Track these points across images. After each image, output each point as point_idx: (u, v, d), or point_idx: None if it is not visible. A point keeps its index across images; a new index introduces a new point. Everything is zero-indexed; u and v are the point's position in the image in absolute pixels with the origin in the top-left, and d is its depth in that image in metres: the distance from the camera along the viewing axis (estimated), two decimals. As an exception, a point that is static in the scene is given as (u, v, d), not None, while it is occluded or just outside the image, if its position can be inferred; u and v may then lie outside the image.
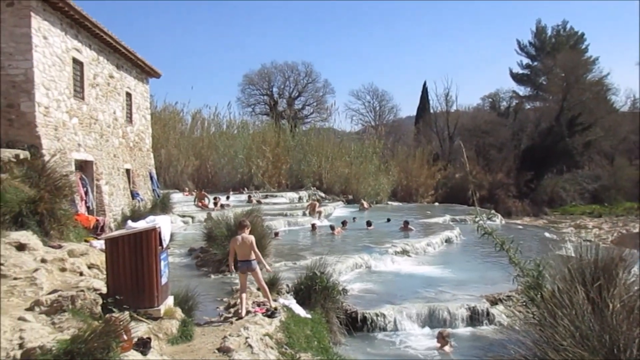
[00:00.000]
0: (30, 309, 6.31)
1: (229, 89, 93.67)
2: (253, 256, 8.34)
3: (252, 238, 8.46)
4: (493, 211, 30.05)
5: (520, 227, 29.16)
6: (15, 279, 7.23)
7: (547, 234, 24.26)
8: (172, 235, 9.03)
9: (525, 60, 58.56)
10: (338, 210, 28.89)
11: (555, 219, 41.73)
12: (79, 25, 14.88)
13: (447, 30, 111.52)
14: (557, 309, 5.41)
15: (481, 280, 12.84)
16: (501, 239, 7.48)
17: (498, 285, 11.77)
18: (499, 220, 27.91)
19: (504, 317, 10.17)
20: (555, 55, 52.33)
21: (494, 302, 10.95)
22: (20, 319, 5.84)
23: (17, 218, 9.09)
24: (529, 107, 58.24)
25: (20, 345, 5.25)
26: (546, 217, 43.53)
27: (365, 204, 30.80)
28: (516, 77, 58.97)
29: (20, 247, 8.29)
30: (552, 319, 5.37)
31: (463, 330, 10.22)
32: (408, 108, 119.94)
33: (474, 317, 10.47)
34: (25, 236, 8.62)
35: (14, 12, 12.40)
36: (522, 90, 59.31)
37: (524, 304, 7.40)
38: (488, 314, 10.52)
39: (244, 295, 8.44)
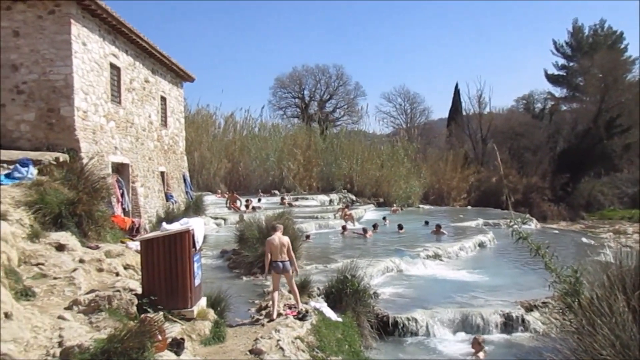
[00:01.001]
0: (69, 308, 6.49)
1: (261, 92, 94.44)
2: (287, 257, 8.46)
3: (288, 239, 8.63)
4: (528, 215, 29.60)
5: (556, 231, 28.46)
6: (55, 278, 7.46)
7: (584, 239, 23.61)
8: (204, 237, 9.16)
9: (561, 61, 57.24)
10: (369, 213, 28.78)
11: (593, 224, 40.55)
12: (116, 32, 15.27)
13: (480, 31, 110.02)
14: (596, 317, 5.28)
15: (515, 286, 12.58)
16: (536, 244, 7.34)
17: (533, 291, 11.51)
18: (534, 224, 27.34)
19: (540, 324, 9.96)
20: (592, 55, 50.93)
21: (529, 308, 10.70)
22: (59, 317, 6.03)
23: (57, 219, 9.36)
24: (565, 108, 56.81)
25: (60, 344, 5.41)
26: (583, 222, 42.34)
27: (396, 208, 30.58)
28: (551, 78, 57.64)
29: (60, 247, 8.55)
30: (590, 327, 5.24)
31: (497, 336, 10.02)
32: (440, 110, 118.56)
33: (508, 324, 10.26)
34: (64, 237, 8.88)
35: (55, 20, 12.81)
36: (558, 92, 57.97)
37: (561, 311, 7.23)
38: (523, 320, 10.29)
39: (276, 295, 8.51)
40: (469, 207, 39.61)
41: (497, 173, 44.58)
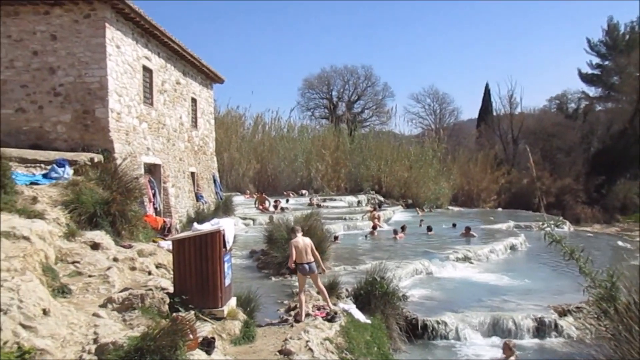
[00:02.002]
0: (103, 305, 6.64)
1: (290, 93, 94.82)
2: (312, 258, 8.50)
3: (310, 240, 8.70)
4: (561, 218, 28.95)
5: (590, 234, 27.81)
6: (89, 276, 7.64)
7: (620, 243, 23.01)
8: (234, 237, 9.24)
9: (596, 60, 55.84)
10: (398, 214, 28.63)
11: (629, 227, 39.42)
12: (148, 34, 15.57)
13: (510, 30, 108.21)
14: (633, 323, 5.13)
15: (548, 290, 12.34)
16: (570, 247, 7.17)
17: (566, 296, 11.29)
18: (567, 227, 26.76)
19: (574, 330, 9.77)
20: (629, 53, 49.50)
21: (562, 313, 10.48)
22: (94, 315, 6.17)
23: (92, 218, 9.58)
24: (599, 108, 55.41)
25: (95, 340, 5.53)
26: (618, 225, 41.24)
27: (420, 212, 30.39)
28: (585, 78, 56.26)
29: (95, 246, 8.76)
30: (627, 333, 5.10)
31: (529, 341, 9.85)
32: (470, 110, 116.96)
33: (541, 329, 10.07)
34: (99, 236, 9.09)
35: (91, 24, 13.14)
36: (592, 91, 56.53)
37: (596, 316, 7.04)
38: (556, 325, 10.09)
39: (303, 296, 8.53)
40: (499, 209, 39.03)
41: (528, 174, 43.81)
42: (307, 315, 8.47)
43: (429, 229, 20.68)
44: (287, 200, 27.62)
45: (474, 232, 19.91)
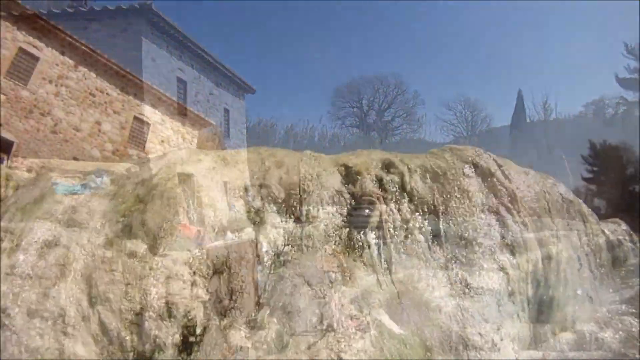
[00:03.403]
0: (139, 313, 6.74)
1: (321, 102, 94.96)
2: None
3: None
4: (600, 226, 28.07)
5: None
6: (127, 284, 7.77)
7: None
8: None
9: (634, 64, 54.28)
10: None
11: (673, 236, 37.97)
12: (182, 47, 15.89)
13: (542, 34, 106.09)
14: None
15: (589, 301, 11.94)
16: (613, 256, 6.96)
17: (609, 307, 10.91)
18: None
19: (616, 343, 9.42)
20: (669, 56, 48.00)
21: (604, 325, 10.13)
22: (133, 323, 6.27)
23: (129, 228, 9.75)
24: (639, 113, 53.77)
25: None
26: (661, 234, 39.75)
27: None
28: (623, 82, 54.76)
29: (131, 254, 8.90)
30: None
31: (569, 355, 9.55)
32: (502, 117, 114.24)
33: (582, 342, 9.75)
34: (135, 245, 9.24)
35: (127, 37, 13.50)
36: (631, 96, 54.98)
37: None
38: (597, 338, 9.76)
39: (333, 305, 8.48)
40: (535, 217, 38.18)
41: (564, 182, 42.77)
42: (340, 324, 8.42)
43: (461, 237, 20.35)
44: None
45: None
